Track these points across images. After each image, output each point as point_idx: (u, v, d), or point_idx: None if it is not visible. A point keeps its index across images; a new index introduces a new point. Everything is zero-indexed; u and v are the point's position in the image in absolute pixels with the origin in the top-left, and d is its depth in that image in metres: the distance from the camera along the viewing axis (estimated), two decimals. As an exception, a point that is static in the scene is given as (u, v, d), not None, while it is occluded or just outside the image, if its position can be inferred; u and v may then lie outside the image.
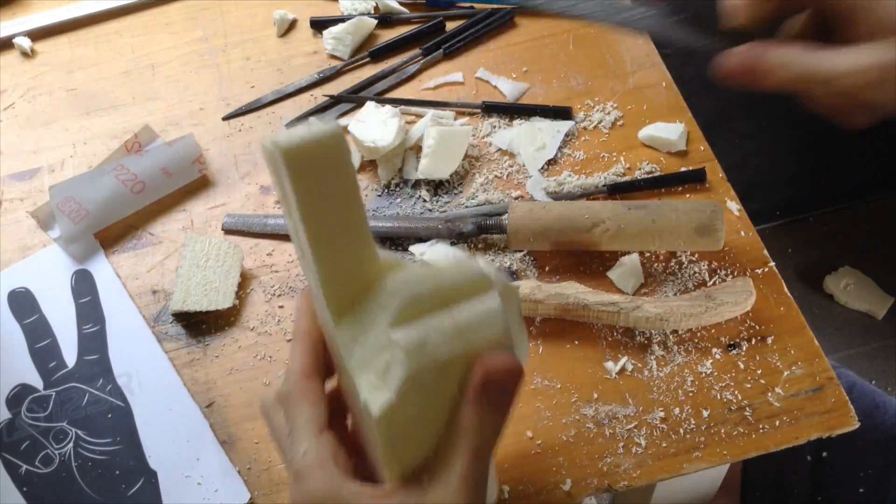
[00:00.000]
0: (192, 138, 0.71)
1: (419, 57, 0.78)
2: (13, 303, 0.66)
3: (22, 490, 0.58)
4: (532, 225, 0.63)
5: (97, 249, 0.68)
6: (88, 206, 0.67)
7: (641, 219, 0.62)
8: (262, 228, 0.68)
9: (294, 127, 0.37)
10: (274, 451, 0.59)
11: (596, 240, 0.62)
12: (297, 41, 0.81)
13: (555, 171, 0.70)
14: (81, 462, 0.59)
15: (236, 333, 0.64)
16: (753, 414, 0.57)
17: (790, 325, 0.61)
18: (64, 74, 0.79)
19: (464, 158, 0.71)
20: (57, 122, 0.76)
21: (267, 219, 0.68)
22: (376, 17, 0.80)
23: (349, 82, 0.77)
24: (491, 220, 0.65)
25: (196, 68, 0.79)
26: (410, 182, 0.70)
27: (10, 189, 0.72)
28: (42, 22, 0.82)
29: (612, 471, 0.56)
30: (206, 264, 0.64)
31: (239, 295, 0.65)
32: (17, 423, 0.60)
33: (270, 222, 0.68)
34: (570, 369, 0.60)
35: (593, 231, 0.62)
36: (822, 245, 1.72)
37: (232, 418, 0.60)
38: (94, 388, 0.62)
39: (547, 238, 0.63)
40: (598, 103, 0.74)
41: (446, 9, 0.81)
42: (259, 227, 0.68)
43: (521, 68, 0.77)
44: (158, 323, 0.65)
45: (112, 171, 0.68)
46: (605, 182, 0.68)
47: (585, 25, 0.79)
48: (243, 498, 0.57)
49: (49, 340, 0.64)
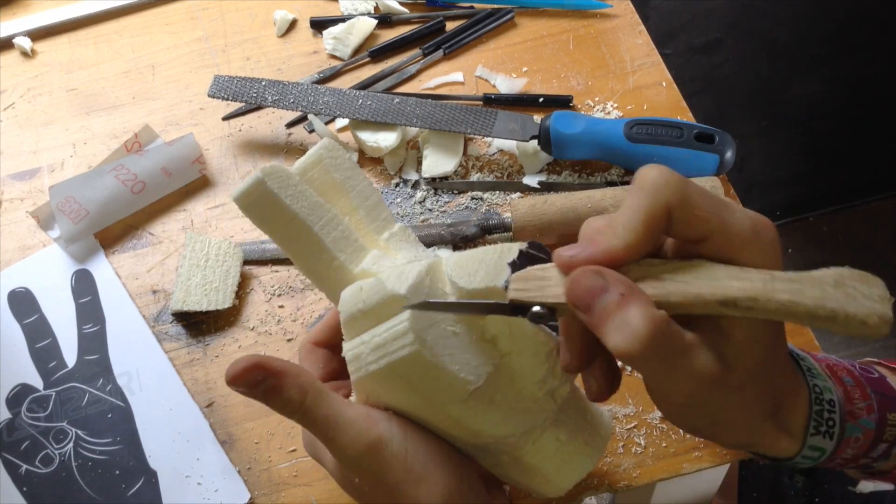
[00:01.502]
0: (192, 138, 0.71)
1: (419, 57, 0.78)
2: (13, 303, 0.66)
3: (22, 490, 0.58)
4: (536, 221, 0.63)
5: (97, 249, 0.68)
6: (88, 206, 0.67)
7: None
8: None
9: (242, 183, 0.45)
10: (273, 451, 0.59)
11: None
12: (297, 41, 0.81)
13: (555, 171, 0.70)
14: (81, 462, 0.59)
15: (236, 333, 0.64)
16: (753, 414, 0.57)
17: (790, 326, 0.61)
18: (64, 74, 0.79)
19: (464, 158, 0.71)
20: (57, 122, 0.76)
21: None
22: (376, 17, 0.80)
23: (349, 82, 0.77)
24: (494, 219, 0.65)
25: (196, 68, 0.79)
26: (410, 182, 0.70)
27: (10, 189, 0.72)
28: (42, 22, 0.82)
29: (612, 471, 0.56)
30: (206, 264, 0.64)
31: (239, 295, 0.65)
32: (17, 423, 0.60)
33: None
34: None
35: None
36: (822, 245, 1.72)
37: (232, 418, 0.60)
38: (94, 387, 0.62)
39: (553, 232, 0.63)
40: (599, 103, 0.74)
41: (446, 9, 0.81)
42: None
43: (522, 68, 0.77)
44: (158, 323, 0.65)
45: (112, 171, 0.68)
46: (606, 182, 0.68)
47: (585, 25, 0.79)
48: (243, 498, 0.57)
49: (49, 340, 0.64)
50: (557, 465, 0.45)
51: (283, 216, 0.44)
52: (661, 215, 0.32)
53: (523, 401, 0.43)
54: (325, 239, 0.45)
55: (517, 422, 0.43)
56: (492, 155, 0.72)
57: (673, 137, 0.64)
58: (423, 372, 0.40)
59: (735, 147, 0.65)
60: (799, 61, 1.39)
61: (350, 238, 0.46)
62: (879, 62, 1.42)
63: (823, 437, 0.38)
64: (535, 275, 0.36)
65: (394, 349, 0.40)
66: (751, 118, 1.49)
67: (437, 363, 0.39)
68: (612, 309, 0.31)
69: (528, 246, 0.39)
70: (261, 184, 0.44)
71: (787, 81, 1.43)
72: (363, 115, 0.70)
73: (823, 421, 0.38)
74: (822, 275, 0.31)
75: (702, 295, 0.32)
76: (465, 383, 0.40)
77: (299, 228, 0.45)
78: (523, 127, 0.69)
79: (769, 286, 0.31)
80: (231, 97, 0.72)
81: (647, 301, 0.32)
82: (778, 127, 1.52)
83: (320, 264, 0.45)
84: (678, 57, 1.29)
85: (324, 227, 0.45)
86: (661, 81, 0.75)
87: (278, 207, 0.44)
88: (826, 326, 0.31)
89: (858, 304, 0.30)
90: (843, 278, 0.31)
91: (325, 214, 0.45)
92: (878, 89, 1.49)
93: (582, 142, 0.66)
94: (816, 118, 1.52)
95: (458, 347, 0.40)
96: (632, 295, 0.32)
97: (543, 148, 0.68)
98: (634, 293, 0.32)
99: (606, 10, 0.79)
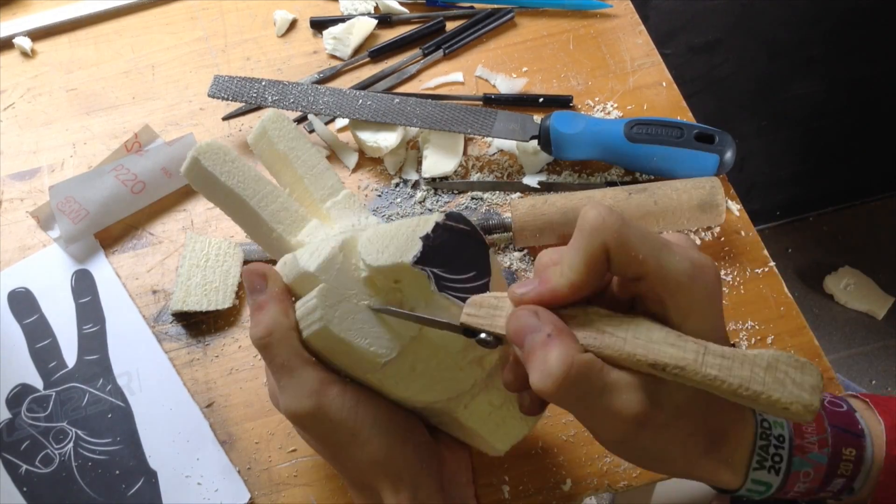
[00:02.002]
0: (191, 138, 0.71)
1: (419, 57, 0.78)
2: (13, 303, 0.66)
3: (22, 490, 0.58)
4: (536, 221, 0.63)
5: (97, 249, 0.68)
6: (88, 206, 0.67)
7: (643, 202, 0.61)
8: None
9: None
10: (273, 451, 0.59)
11: None
12: (297, 41, 0.81)
13: (555, 171, 0.70)
14: (81, 462, 0.59)
15: (236, 333, 0.64)
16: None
17: (790, 325, 0.61)
18: (64, 74, 0.79)
19: (464, 158, 0.71)
20: (57, 122, 0.76)
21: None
22: (376, 17, 0.80)
23: (349, 82, 0.77)
24: (494, 219, 0.65)
25: (196, 68, 0.79)
26: (410, 182, 0.70)
27: (10, 189, 0.72)
28: (42, 22, 0.82)
29: (612, 471, 0.56)
30: (206, 264, 0.64)
31: (239, 295, 0.65)
32: (17, 423, 0.60)
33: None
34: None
35: None
36: (822, 245, 1.72)
37: (232, 418, 0.60)
38: (94, 387, 0.62)
39: (553, 232, 0.63)
40: (599, 103, 0.74)
41: (446, 9, 0.81)
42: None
43: (522, 68, 0.77)
44: (158, 323, 0.65)
45: (112, 171, 0.68)
46: (606, 182, 0.68)
47: (585, 25, 0.79)
48: (243, 498, 0.57)
49: (49, 340, 0.64)
50: (492, 427, 0.47)
51: (220, 191, 0.49)
52: (599, 255, 0.34)
53: (447, 370, 0.45)
54: (262, 212, 0.48)
55: (442, 389, 0.45)
56: (492, 155, 0.72)
57: (673, 137, 0.64)
58: (334, 345, 0.43)
59: (735, 147, 0.65)
60: (799, 61, 1.39)
61: (290, 209, 0.49)
62: (879, 62, 1.42)
63: (768, 471, 0.39)
64: (489, 302, 0.38)
65: (308, 323, 0.43)
66: (751, 118, 1.49)
67: (345, 338, 0.42)
68: (538, 347, 0.34)
69: (446, 217, 0.40)
70: (195, 162, 0.48)
71: (786, 81, 1.43)
72: (363, 116, 0.70)
73: (769, 456, 0.39)
74: (757, 355, 0.33)
75: (635, 354, 0.33)
76: (375, 356, 0.42)
77: (237, 202, 0.49)
78: (523, 127, 0.69)
79: (700, 359, 0.33)
80: (231, 97, 0.72)
81: (571, 344, 0.34)
82: (778, 127, 1.52)
83: (261, 235, 0.49)
84: (678, 57, 1.29)
85: (261, 200, 0.48)
86: (661, 81, 0.75)
87: (215, 183, 0.48)
88: (750, 405, 0.33)
89: (785, 391, 0.32)
90: (778, 362, 0.32)
91: (263, 188, 0.49)
92: (878, 89, 1.49)
93: (582, 142, 0.66)
94: (816, 118, 1.52)
95: (368, 322, 0.43)
96: (557, 336, 0.34)
97: (543, 148, 0.68)
98: (561, 335, 0.34)
99: (606, 10, 0.79)
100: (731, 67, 1.36)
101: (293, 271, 0.45)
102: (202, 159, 0.48)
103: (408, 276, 0.42)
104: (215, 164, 0.48)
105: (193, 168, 0.49)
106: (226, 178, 0.48)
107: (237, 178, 0.48)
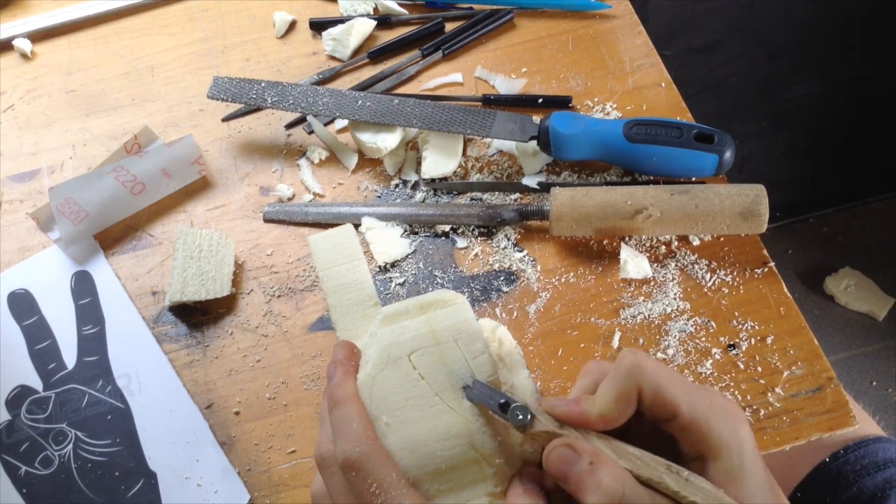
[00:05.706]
0: (191, 139, 0.71)
1: (418, 58, 0.78)
2: (13, 304, 0.66)
3: (21, 491, 0.58)
4: (574, 213, 0.63)
5: (97, 251, 0.68)
6: (88, 208, 0.67)
7: (685, 204, 0.61)
8: (303, 218, 0.69)
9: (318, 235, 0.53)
10: (273, 452, 0.59)
11: (639, 226, 0.62)
12: (297, 42, 0.81)
13: (554, 171, 0.70)
14: (81, 463, 0.59)
15: (236, 335, 0.64)
16: (753, 414, 0.57)
17: (790, 326, 0.61)
18: (63, 76, 0.79)
19: (463, 158, 0.71)
20: (56, 124, 0.76)
21: (307, 207, 0.69)
22: (375, 18, 0.80)
23: (348, 83, 0.77)
24: (533, 206, 0.65)
25: (195, 69, 0.79)
26: (410, 183, 0.70)
27: (9, 190, 0.72)
28: (42, 24, 0.82)
29: (612, 471, 0.56)
30: (200, 255, 0.64)
31: (234, 283, 0.65)
32: (16, 425, 0.60)
33: (312, 210, 0.69)
34: (573, 370, 0.60)
35: (636, 218, 0.62)
36: (823, 246, 1.72)
37: (231, 419, 0.60)
38: (93, 389, 0.62)
39: (590, 225, 0.63)
40: (598, 103, 0.74)
41: (445, 10, 0.81)
42: (301, 217, 0.69)
43: (521, 68, 0.77)
44: (158, 324, 0.65)
45: (112, 173, 0.68)
46: (605, 182, 0.68)
47: (584, 26, 0.79)
48: (243, 499, 0.57)
49: (49, 342, 0.64)
50: None
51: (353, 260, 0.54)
52: (632, 396, 0.39)
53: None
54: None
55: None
56: (491, 156, 0.72)
57: (672, 138, 0.64)
58: None
59: (734, 147, 0.65)
60: (799, 62, 1.39)
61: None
62: (879, 62, 1.43)
63: None
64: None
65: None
66: (751, 118, 1.49)
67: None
68: (585, 475, 0.37)
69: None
70: (347, 231, 0.54)
71: (786, 82, 1.43)
72: (363, 117, 0.70)
73: None
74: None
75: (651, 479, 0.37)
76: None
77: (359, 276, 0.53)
78: (522, 127, 0.69)
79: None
80: (230, 98, 0.72)
81: (613, 464, 0.37)
82: (778, 127, 1.52)
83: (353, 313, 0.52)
84: (678, 58, 1.29)
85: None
86: (660, 82, 0.75)
87: (352, 252, 0.54)
88: None
89: None
90: None
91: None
92: (878, 90, 1.49)
93: (581, 142, 0.66)
94: (816, 119, 1.52)
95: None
96: (599, 461, 0.37)
97: (543, 148, 0.68)
98: (601, 459, 0.37)
99: (605, 11, 0.79)
100: (730, 68, 1.36)
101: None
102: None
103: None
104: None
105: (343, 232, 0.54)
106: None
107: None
